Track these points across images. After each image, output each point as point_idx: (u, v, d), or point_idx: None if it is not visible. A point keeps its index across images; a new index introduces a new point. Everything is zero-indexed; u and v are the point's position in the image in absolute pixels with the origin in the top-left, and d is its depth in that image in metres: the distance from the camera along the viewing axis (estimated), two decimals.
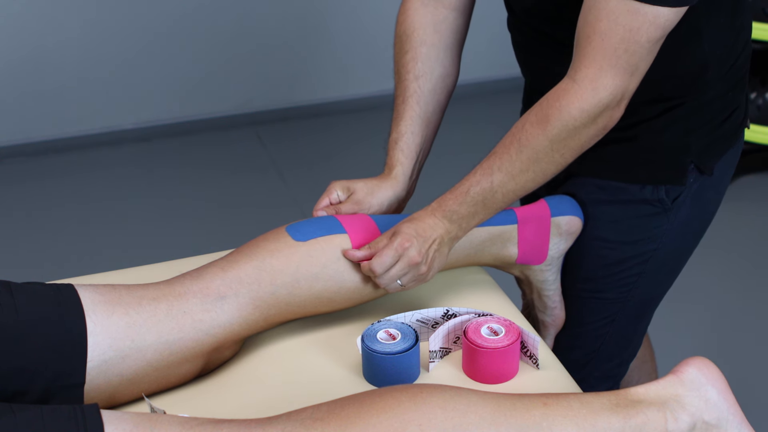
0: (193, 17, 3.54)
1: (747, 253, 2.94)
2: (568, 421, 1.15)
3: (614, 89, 1.31)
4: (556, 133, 1.33)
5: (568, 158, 1.36)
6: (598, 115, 1.33)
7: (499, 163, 1.36)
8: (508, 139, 1.37)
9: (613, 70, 1.30)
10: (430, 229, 1.38)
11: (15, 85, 3.46)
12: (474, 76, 3.86)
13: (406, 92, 1.56)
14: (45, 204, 3.30)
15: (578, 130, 1.33)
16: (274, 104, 3.75)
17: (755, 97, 3.12)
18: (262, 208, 3.22)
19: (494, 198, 1.38)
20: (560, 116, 1.32)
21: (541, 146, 1.34)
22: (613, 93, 1.32)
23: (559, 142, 1.34)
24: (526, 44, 1.56)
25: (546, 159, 1.35)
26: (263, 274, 1.37)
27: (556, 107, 1.33)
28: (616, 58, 1.29)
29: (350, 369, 1.38)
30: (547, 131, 1.33)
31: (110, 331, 1.27)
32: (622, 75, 1.31)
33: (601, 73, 1.30)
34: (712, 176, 1.54)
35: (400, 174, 1.54)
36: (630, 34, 1.28)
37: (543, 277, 1.57)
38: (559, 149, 1.35)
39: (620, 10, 1.27)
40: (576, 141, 1.35)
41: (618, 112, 1.34)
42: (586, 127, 1.33)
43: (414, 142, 1.55)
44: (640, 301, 1.62)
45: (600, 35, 1.29)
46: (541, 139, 1.34)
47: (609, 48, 1.29)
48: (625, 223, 1.55)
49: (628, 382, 1.80)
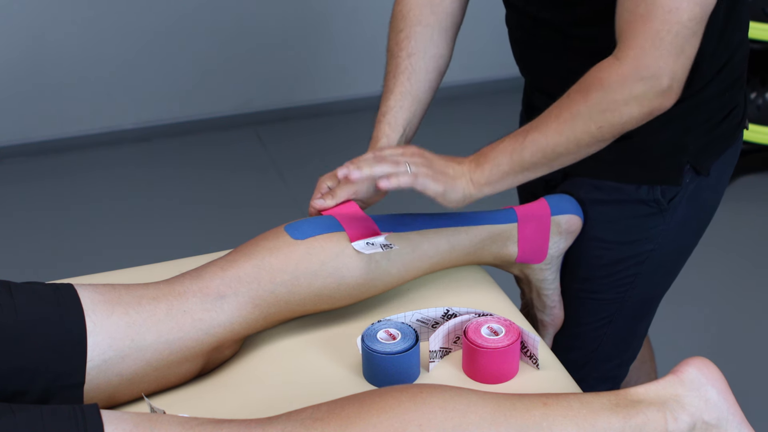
0: (193, 17, 3.54)
1: (747, 253, 2.94)
2: (568, 421, 1.15)
3: (657, 70, 1.30)
4: (596, 102, 1.32)
5: (605, 134, 1.35)
6: (641, 95, 1.31)
7: (538, 122, 1.37)
8: (550, 107, 1.37)
9: (657, 51, 1.29)
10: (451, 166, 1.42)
11: (15, 85, 3.46)
12: (474, 76, 3.86)
13: (398, 69, 1.56)
14: (45, 204, 3.30)
15: (618, 104, 1.32)
16: (274, 104, 3.75)
17: (755, 97, 3.12)
18: (262, 208, 3.22)
19: (522, 151, 1.38)
20: (601, 86, 1.32)
21: (579, 110, 1.33)
22: (655, 73, 1.30)
23: (598, 112, 1.33)
24: (526, 38, 1.56)
25: (582, 127, 1.34)
26: (262, 272, 1.37)
27: (597, 78, 1.32)
28: (659, 39, 1.28)
29: (350, 369, 1.38)
30: (588, 99, 1.33)
31: (110, 331, 1.27)
32: (666, 56, 1.29)
33: (645, 53, 1.30)
34: (708, 177, 1.53)
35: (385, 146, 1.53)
36: (670, 15, 1.28)
37: (542, 276, 1.57)
38: (597, 120, 1.34)
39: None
40: (615, 116, 1.33)
41: (668, 98, 1.33)
42: (627, 104, 1.32)
43: (402, 116, 1.55)
44: (638, 301, 1.62)
45: (641, 19, 1.29)
46: (581, 104, 1.33)
47: (651, 30, 1.28)
48: (621, 223, 1.55)
49: (627, 383, 1.80)
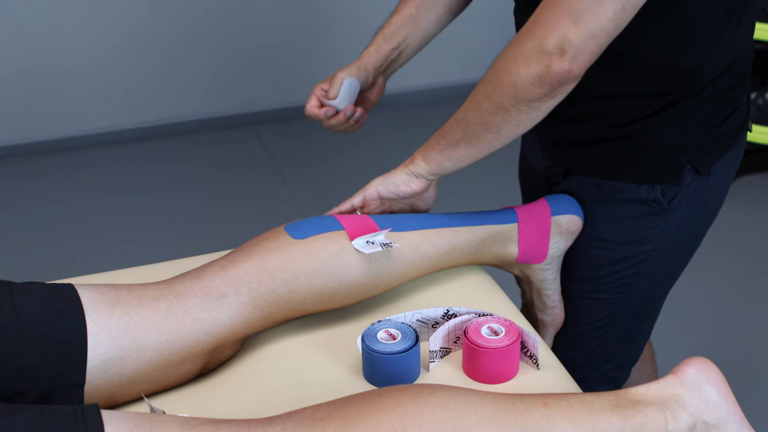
0: (193, 17, 3.54)
1: (747, 253, 2.94)
2: (568, 421, 1.15)
3: (549, 28, 1.28)
4: (495, 63, 1.36)
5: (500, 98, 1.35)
6: (528, 53, 1.31)
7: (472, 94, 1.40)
8: None
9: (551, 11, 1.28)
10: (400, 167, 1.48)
11: (15, 85, 3.46)
12: (474, 76, 3.86)
13: (401, 12, 1.66)
14: (45, 204, 3.30)
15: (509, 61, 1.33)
16: (274, 104, 3.75)
17: (755, 97, 3.13)
18: (262, 208, 3.22)
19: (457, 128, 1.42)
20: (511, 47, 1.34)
21: (495, 68, 1.35)
22: (546, 32, 1.29)
23: (494, 71, 1.35)
24: None
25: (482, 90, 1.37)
26: (263, 272, 1.37)
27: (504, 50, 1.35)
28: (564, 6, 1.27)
29: (350, 369, 1.38)
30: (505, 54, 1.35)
31: (110, 331, 1.27)
32: (559, 17, 1.28)
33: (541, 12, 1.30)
34: (710, 177, 1.53)
35: (374, 51, 1.66)
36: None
37: (543, 276, 1.57)
38: (492, 80, 1.35)
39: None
40: (506, 76, 1.33)
41: (556, 63, 1.30)
42: (515, 61, 1.32)
43: (399, 34, 1.65)
44: (639, 302, 1.62)
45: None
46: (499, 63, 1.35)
47: None
48: (621, 223, 1.55)
49: (628, 383, 1.80)
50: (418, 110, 3.79)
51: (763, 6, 2.99)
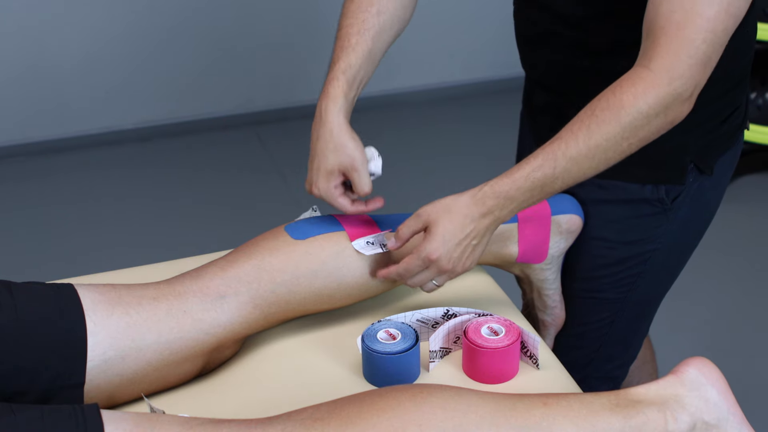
0: (193, 17, 3.54)
1: (747, 253, 2.94)
2: (568, 421, 1.15)
3: (689, 80, 1.29)
4: (630, 120, 1.29)
5: (633, 149, 1.32)
6: (668, 105, 1.29)
7: (565, 149, 1.31)
8: (576, 125, 1.32)
9: (690, 60, 1.27)
10: (468, 223, 1.32)
11: (15, 85, 3.46)
12: (474, 76, 3.87)
13: (365, 24, 1.47)
14: (45, 204, 3.30)
15: (650, 119, 1.29)
16: (274, 104, 3.75)
17: (755, 97, 3.12)
18: (262, 208, 3.22)
19: (554, 184, 1.32)
20: (635, 103, 1.28)
21: (612, 133, 1.30)
22: (686, 84, 1.29)
23: (631, 130, 1.30)
24: (535, 34, 1.54)
25: (613, 147, 1.31)
26: (263, 272, 1.37)
27: (631, 93, 1.29)
28: (694, 49, 1.27)
29: (350, 369, 1.37)
30: (621, 117, 1.29)
31: (110, 331, 1.27)
32: (696, 65, 1.28)
33: (679, 63, 1.27)
34: (711, 176, 1.54)
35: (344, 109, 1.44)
36: (708, 24, 1.26)
37: (543, 276, 1.57)
38: (628, 138, 1.31)
39: (695, 2, 1.26)
40: (646, 131, 1.31)
41: (688, 106, 1.31)
42: (657, 117, 1.30)
43: (360, 76, 1.46)
44: (640, 301, 1.62)
45: (675, 26, 1.27)
46: (614, 126, 1.29)
47: (686, 38, 1.27)
48: (624, 222, 1.55)
49: (629, 383, 1.80)
50: (418, 110, 3.79)
51: (763, 6, 2.99)
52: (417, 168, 3.25)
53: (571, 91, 1.53)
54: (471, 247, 1.33)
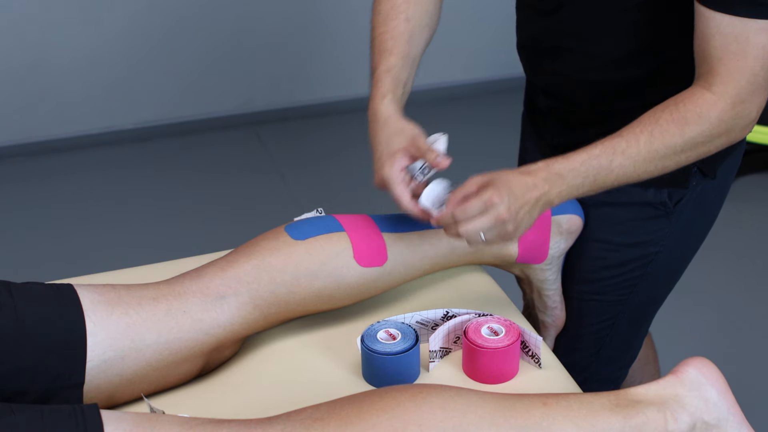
0: (193, 17, 3.54)
1: (748, 254, 2.94)
2: (568, 421, 1.15)
3: (752, 105, 1.31)
4: (693, 136, 1.32)
5: (690, 160, 1.35)
6: (732, 129, 1.33)
7: (625, 146, 1.33)
8: (638, 127, 1.33)
9: (752, 87, 1.30)
10: (527, 188, 1.31)
11: (15, 85, 3.46)
12: (474, 76, 3.86)
13: (396, 30, 1.50)
14: (45, 204, 3.30)
15: (713, 138, 1.33)
16: (274, 104, 3.75)
17: None
18: (262, 208, 3.22)
19: (607, 177, 1.34)
20: (700, 122, 1.31)
21: (673, 144, 1.32)
22: (749, 108, 1.32)
23: (692, 145, 1.33)
24: (538, 45, 1.54)
25: (672, 157, 1.33)
26: (262, 273, 1.37)
27: (695, 113, 1.31)
28: (754, 76, 1.29)
29: (350, 369, 1.37)
30: (685, 132, 1.32)
31: (110, 331, 1.27)
32: (760, 92, 1.31)
33: (742, 90, 1.30)
34: (714, 179, 1.53)
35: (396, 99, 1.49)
36: (764, 51, 1.28)
37: (543, 276, 1.57)
38: (688, 151, 1.33)
39: (749, 31, 1.27)
40: (706, 148, 1.34)
41: (751, 127, 1.34)
42: (719, 137, 1.33)
43: (403, 76, 1.50)
44: (641, 303, 1.62)
45: (733, 56, 1.29)
46: (677, 138, 1.32)
47: (746, 67, 1.29)
48: (626, 225, 1.55)
49: (630, 384, 1.80)
50: (418, 110, 3.77)
51: None
52: None
53: (577, 100, 1.53)
54: (525, 212, 1.32)
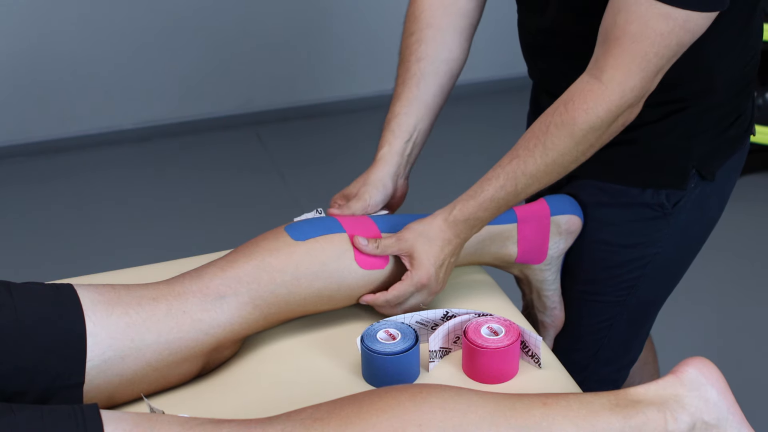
0: (193, 17, 3.54)
1: (748, 254, 2.94)
2: (568, 421, 1.14)
3: (640, 90, 1.32)
4: (583, 135, 1.33)
5: (589, 154, 1.37)
6: (620, 115, 1.34)
7: (524, 168, 1.36)
8: (531, 141, 1.36)
9: (642, 73, 1.30)
10: (446, 245, 1.40)
11: (15, 85, 3.46)
12: (474, 76, 3.86)
13: (407, 74, 1.55)
14: (45, 204, 3.30)
15: (603, 130, 1.34)
16: (274, 104, 3.75)
17: (755, 97, 3.12)
18: (262, 208, 3.22)
19: (517, 198, 1.39)
20: (587, 118, 1.32)
21: (566, 148, 1.34)
22: (637, 94, 1.32)
23: (585, 142, 1.34)
24: (539, 44, 1.54)
25: (569, 159, 1.36)
26: (262, 273, 1.37)
27: (582, 109, 1.32)
28: (646, 61, 1.29)
29: (350, 369, 1.37)
30: (574, 133, 1.33)
31: (109, 331, 1.27)
32: (648, 77, 1.31)
33: (630, 75, 1.30)
34: (714, 182, 1.53)
35: (387, 154, 1.53)
36: (661, 38, 1.28)
37: (542, 276, 1.57)
38: (583, 149, 1.35)
39: (652, 14, 1.27)
40: (599, 140, 1.35)
41: (637, 109, 1.35)
42: (609, 127, 1.34)
43: (408, 123, 1.54)
44: (640, 304, 1.62)
45: (630, 38, 1.28)
46: (567, 141, 1.34)
47: (639, 51, 1.29)
48: (625, 226, 1.55)
49: (630, 384, 1.80)
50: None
51: (763, 6, 2.99)
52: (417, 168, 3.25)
53: None
54: (450, 264, 1.42)
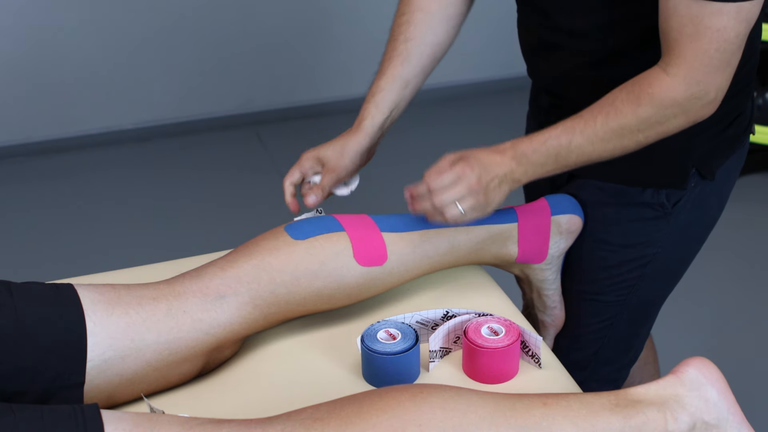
0: (193, 17, 3.54)
1: (748, 254, 2.94)
2: (568, 421, 1.14)
3: (707, 85, 1.33)
4: (647, 116, 1.35)
5: (650, 141, 1.38)
6: (689, 108, 1.34)
7: (583, 127, 1.37)
8: (596, 108, 1.37)
9: (707, 68, 1.31)
10: (496, 164, 1.40)
11: (15, 85, 3.46)
12: (474, 76, 3.86)
13: (393, 52, 1.59)
14: (45, 204, 3.30)
15: (667, 117, 1.35)
16: (274, 104, 3.75)
17: (755, 96, 3.12)
18: (262, 208, 3.22)
19: (568, 156, 1.39)
20: (652, 102, 1.34)
21: (628, 123, 1.35)
22: (705, 88, 1.33)
23: (647, 125, 1.35)
24: (539, 43, 1.54)
25: (629, 136, 1.37)
26: (262, 272, 1.37)
27: (648, 93, 1.34)
28: (708, 58, 1.30)
29: (350, 369, 1.37)
30: (638, 112, 1.35)
31: (110, 331, 1.27)
32: (714, 72, 1.32)
33: (695, 70, 1.31)
34: (714, 181, 1.53)
35: (368, 126, 1.57)
36: (718, 34, 1.29)
37: (543, 276, 1.57)
38: (644, 131, 1.36)
39: (704, 14, 1.28)
40: (663, 127, 1.36)
41: (712, 108, 1.36)
42: (675, 117, 1.35)
43: (389, 99, 1.58)
44: (640, 304, 1.62)
45: (688, 38, 1.30)
46: (630, 117, 1.35)
47: (699, 49, 1.30)
48: (625, 225, 1.55)
49: (630, 384, 1.80)
50: (417, 110, 3.77)
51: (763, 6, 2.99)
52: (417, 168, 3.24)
53: (576, 98, 1.53)
54: (495, 185, 1.40)
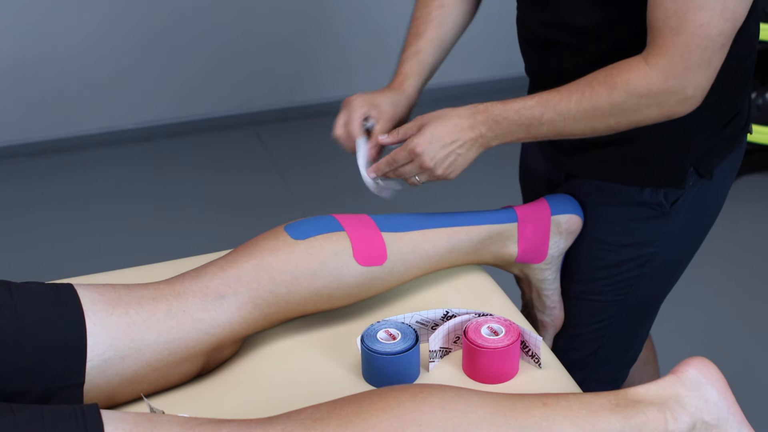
0: (193, 17, 3.54)
1: (747, 254, 2.94)
2: (568, 421, 1.15)
3: (684, 80, 1.33)
4: (620, 101, 1.35)
5: (621, 127, 1.39)
6: (664, 101, 1.34)
7: (557, 101, 1.39)
8: (574, 86, 1.39)
9: (686, 63, 1.32)
10: (459, 131, 1.43)
11: (15, 85, 3.46)
12: (474, 76, 3.86)
13: (429, 16, 1.63)
14: (45, 204, 3.30)
15: (640, 106, 1.35)
16: (274, 104, 3.75)
17: (755, 96, 3.12)
18: (262, 208, 3.22)
19: (539, 128, 1.41)
20: (627, 88, 1.34)
21: (601, 106, 1.36)
22: (682, 83, 1.33)
23: (619, 110, 1.36)
24: (539, 40, 1.54)
25: (600, 119, 1.38)
26: (262, 272, 1.37)
27: (624, 79, 1.35)
28: (689, 53, 1.31)
29: (350, 369, 1.37)
30: (612, 96, 1.36)
31: (110, 331, 1.27)
32: (694, 68, 1.32)
33: (674, 64, 1.32)
34: (712, 180, 1.53)
35: (412, 87, 1.61)
36: (701, 30, 1.29)
37: (542, 276, 1.57)
38: (616, 116, 1.37)
39: (689, 8, 1.28)
40: (634, 116, 1.37)
41: (689, 105, 1.36)
42: (648, 108, 1.35)
43: (429, 61, 1.62)
44: (639, 304, 1.62)
45: (671, 30, 1.30)
46: (604, 100, 1.36)
47: (681, 43, 1.30)
48: (623, 225, 1.55)
49: (630, 384, 1.80)
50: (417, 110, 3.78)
51: (762, 6, 2.99)
52: None
53: None
54: (455, 155, 1.45)
